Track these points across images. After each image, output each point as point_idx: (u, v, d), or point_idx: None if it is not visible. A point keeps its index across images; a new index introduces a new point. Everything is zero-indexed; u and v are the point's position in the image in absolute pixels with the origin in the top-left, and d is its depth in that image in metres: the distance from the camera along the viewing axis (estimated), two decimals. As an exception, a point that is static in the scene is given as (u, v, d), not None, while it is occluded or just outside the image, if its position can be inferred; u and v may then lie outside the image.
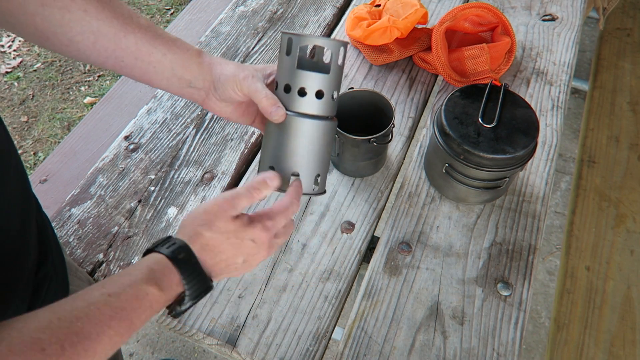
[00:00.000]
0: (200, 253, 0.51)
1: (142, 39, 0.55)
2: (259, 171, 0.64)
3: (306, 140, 0.63)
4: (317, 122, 0.61)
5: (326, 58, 0.64)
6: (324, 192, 0.68)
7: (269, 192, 0.57)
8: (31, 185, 0.58)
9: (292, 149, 0.62)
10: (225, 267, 0.53)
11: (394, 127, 0.83)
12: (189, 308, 0.51)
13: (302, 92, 0.59)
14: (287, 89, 0.60)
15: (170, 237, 0.52)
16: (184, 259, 0.50)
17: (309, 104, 0.60)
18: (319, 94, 0.60)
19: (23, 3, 0.51)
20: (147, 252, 0.50)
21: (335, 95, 0.62)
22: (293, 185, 0.60)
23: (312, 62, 0.65)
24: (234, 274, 0.55)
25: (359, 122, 0.86)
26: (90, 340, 0.39)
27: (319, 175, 0.66)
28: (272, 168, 0.64)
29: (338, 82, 0.61)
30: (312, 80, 0.59)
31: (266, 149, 0.65)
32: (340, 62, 0.60)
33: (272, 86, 0.61)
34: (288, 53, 0.58)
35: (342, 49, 0.59)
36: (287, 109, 0.60)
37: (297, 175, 0.65)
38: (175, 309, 0.50)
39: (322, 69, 0.64)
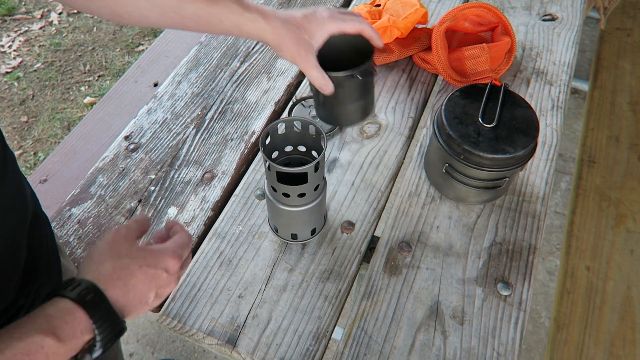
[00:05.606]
0: (110, 291, 0.45)
1: (200, 9, 0.61)
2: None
3: (297, 219, 0.74)
4: (303, 208, 0.71)
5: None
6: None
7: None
8: (28, 189, 0.58)
9: (288, 222, 0.76)
10: (138, 304, 0.48)
11: (375, 65, 0.76)
12: (99, 356, 0.44)
13: (286, 195, 0.68)
14: (274, 189, 0.69)
15: (73, 278, 0.45)
16: (93, 301, 0.43)
17: (294, 201, 0.69)
18: (301, 195, 0.69)
19: None
20: (52, 295, 0.44)
21: (320, 185, 0.71)
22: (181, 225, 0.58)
23: (300, 133, 0.72)
24: (144, 310, 0.50)
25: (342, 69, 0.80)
26: None
27: (315, 228, 0.79)
28: (275, 228, 0.79)
29: (319, 177, 0.68)
30: (292, 189, 0.67)
31: (270, 213, 0.78)
32: (319, 167, 0.66)
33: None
34: (269, 168, 0.66)
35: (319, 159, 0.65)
36: (275, 201, 0.71)
37: (296, 235, 0.79)
38: (84, 357, 0.44)
39: (309, 146, 0.73)
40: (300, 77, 1.09)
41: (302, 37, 0.63)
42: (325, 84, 0.65)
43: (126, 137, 0.98)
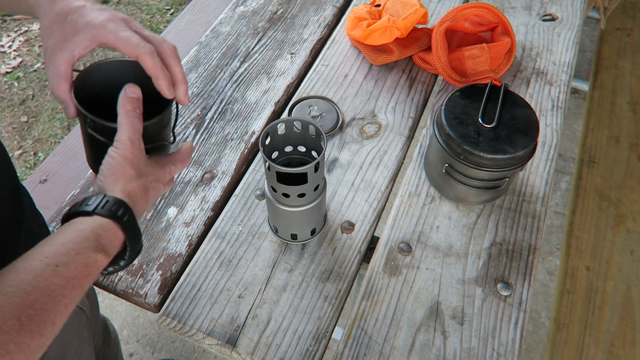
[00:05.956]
0: (135, 208, 0.51)
1: None
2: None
3: (297, 220, 0.74)
4: (303, 208, 0.71)
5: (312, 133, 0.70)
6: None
7: None
8: (21, 187, 0.58)
9: (288, 223, 0.76)
10: (143, 214, 0.54)
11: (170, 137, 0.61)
12: (125, 267, 0.51)
13: (286, 195, 0.68)
14: (274, 190, 0.69)
15: (104, 195, 0.48)
16: (128, 221, 0.49)
17: (294, 201, 0.70)
18: (301, 195, 0.69)
19: None
20: (81, 213, 0.46)
21: (320, 185, 0.70)
22: (188, 146, 0.62)
23: (300, 134, 0.72)
24: None
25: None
26: (46, 311, 0.39)
27: (314, 229, 0.79)
28: (275, 228, 0.79)
29: (319, 177, 0.68)
30: (292, 190, 0.67)
31: (270, 213, 0.78)
32: (318, 169, 0.66)
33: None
34: (269, 169, 0.66)
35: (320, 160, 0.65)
36: (275, 202, 0.71)
37: (295, 235, 0.79)
38: (112, 266, 0.50)
39: (309, 146, 0.73)
40: (300, 77, 1.09)
41: (64, 28, 0.48)
42: (64, 101, 0.50)
43: (126, 137, 0.98)
